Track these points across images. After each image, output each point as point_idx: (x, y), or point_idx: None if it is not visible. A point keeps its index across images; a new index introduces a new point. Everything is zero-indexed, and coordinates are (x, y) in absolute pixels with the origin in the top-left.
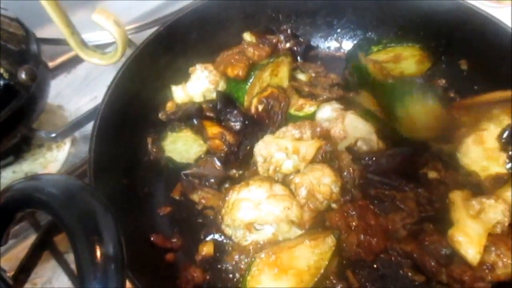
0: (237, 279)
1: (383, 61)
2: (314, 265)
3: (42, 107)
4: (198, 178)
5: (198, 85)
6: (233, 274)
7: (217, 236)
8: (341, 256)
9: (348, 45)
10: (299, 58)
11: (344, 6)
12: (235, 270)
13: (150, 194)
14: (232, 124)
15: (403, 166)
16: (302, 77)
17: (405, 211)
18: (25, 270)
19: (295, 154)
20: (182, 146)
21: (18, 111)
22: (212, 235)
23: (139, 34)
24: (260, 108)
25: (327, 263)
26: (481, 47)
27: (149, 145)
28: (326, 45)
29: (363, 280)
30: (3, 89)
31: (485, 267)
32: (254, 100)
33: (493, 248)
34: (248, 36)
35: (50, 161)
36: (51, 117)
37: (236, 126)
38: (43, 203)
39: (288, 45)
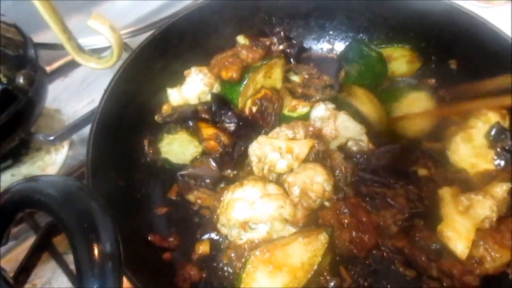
0: (233, 277)
1: None
2: (308, 262)
3: (40, 111)
4: (194, 179)
5: (193, 88)
6: (229, 272)
7: (213, 235)
8: (334, 253)
9: (340, 47)
10: (292, 60)
11: (336, 9)
12: (231, 268)
13: (147, 195)
14: (227, 126)
15: (394, 164)
16: (295, 79)
17: (396, 208)
18: (25, 271)
19: (289, 154)
20: (178, 148)
21: (17, 115)
22: (208, 234)
23: (135, 38)
24: (254, 110)
25: (320, 260)
26: (470, 47)
27: (146, 147)
28: (319, 47)
29: (356, 276)
30: (2, 94)
31: (474, 261)
32: (248, 102)
33: (482, 243)
34: (242, 39)
35: (49, 164)
36: (49, 121)
37: (231, 127)
38: (43, 204)
39: (281, 47)
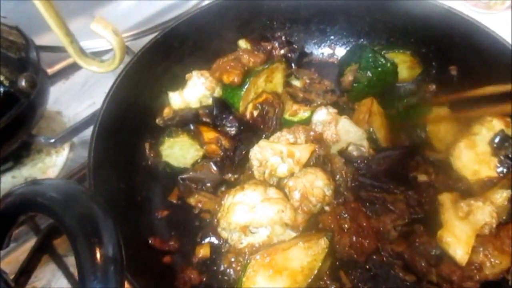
0: (233, 280)
1: None
2: (308, 266)
3: (42, 114)
4: (195, 182)
5: (195, 91)
6: (229, 276)
7: (214, 239)
8: (334, 257)
9: (341, 52)
10: (293, 65)
11: (337, 14)
12: (231, 272)
13: (148, 198)
14: (228, 129)
15: (394, 169)
16: (297, 83)
17: (396, 213)
18: (25, 273)
19: (290, 158)
20: (179, 151)
21: (18, 118)
22: (209, 238)
23: (137, 41)
24: (255, 114)
25: (320, 264)
26: (470, 53)
27: (147, 150)
28: (320, 52)
29: (356, 281)
30: (4, 97)
31: (474, 267)
32: (249, 106)
33: (481, 249)
34: (243, 43)
35: (49, 166)
36: (50, 123)
37: (232, 131)
38: (45, 207)
39: (283, 52)
